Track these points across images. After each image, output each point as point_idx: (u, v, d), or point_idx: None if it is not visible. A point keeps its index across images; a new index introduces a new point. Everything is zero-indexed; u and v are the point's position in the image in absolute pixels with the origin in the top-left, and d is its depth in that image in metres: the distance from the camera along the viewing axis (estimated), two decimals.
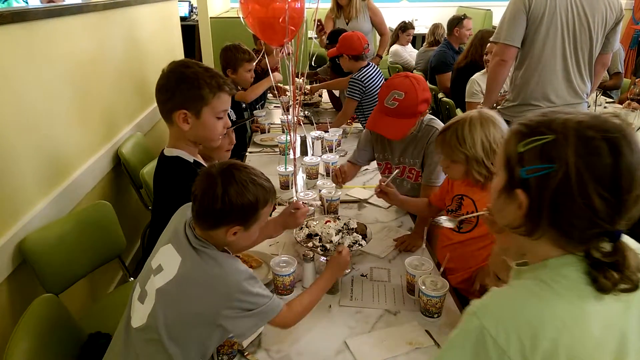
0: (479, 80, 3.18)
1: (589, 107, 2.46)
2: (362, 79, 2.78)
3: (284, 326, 1.19)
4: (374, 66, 2.89)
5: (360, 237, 1.60)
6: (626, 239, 0.73)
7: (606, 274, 0.69)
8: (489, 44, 3.15)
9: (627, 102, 3.24)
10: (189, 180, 1.12)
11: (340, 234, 1.61)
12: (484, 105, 2.50)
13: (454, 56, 4.11)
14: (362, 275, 1.54)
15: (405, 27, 5.16)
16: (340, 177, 1.89)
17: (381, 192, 1.69)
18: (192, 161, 1.47)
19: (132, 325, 1.09)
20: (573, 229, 0.70)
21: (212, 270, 1.06)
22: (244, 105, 2.93)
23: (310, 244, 1.55)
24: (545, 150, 0.70)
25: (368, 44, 2.84)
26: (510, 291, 0.76)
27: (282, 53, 1.83)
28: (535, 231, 0.74)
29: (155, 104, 1.47)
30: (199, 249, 1.08)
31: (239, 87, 2.80)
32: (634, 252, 0.71)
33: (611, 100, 3.65)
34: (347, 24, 3.87)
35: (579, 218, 0.69)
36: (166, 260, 1.10)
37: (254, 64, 2.77)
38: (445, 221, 1.29)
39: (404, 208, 1.90)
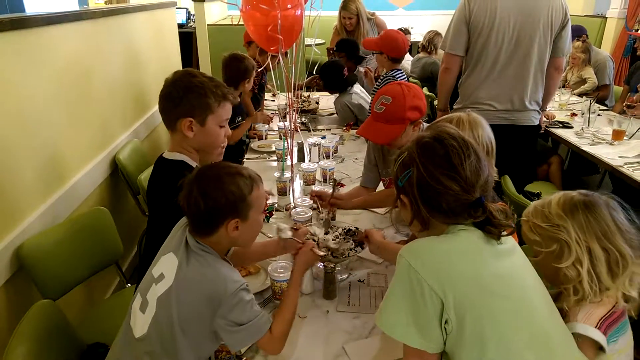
0: None
1: (539, 113, 2.44)
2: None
3: (272, 351, 1.15)
4: (402, 72, 2.87)
5: (357, 243, 1.61)
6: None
7: (490, 229, 0.95)
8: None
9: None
10: None
11: (337, 239, 1.61)
12: (437, 107, 2.72)
13: None
14: (359, 281, 1.54)
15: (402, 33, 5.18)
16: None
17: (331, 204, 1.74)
18: (194, 167, 1.47)
19: (135, 335, 1.08)
20: (443, 206, 0.96)
21: (208, 272, 1.06)
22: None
23: None
24: (404, 162, 1.01)
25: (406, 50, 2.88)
26: (426, 238, 1.01)
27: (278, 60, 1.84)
28: (423, 221, 1.00)
29: (153, 111, 1.48)
30: (197, 252, 1.08)
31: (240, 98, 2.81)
32: (498, 206, 0.98)
33: (605, 107, 3.68)
34: None
35: (442, 196, 0.95)
36: (167, 267, 1.10)
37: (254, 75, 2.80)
38: None
39: (371, 207, 1.90)
